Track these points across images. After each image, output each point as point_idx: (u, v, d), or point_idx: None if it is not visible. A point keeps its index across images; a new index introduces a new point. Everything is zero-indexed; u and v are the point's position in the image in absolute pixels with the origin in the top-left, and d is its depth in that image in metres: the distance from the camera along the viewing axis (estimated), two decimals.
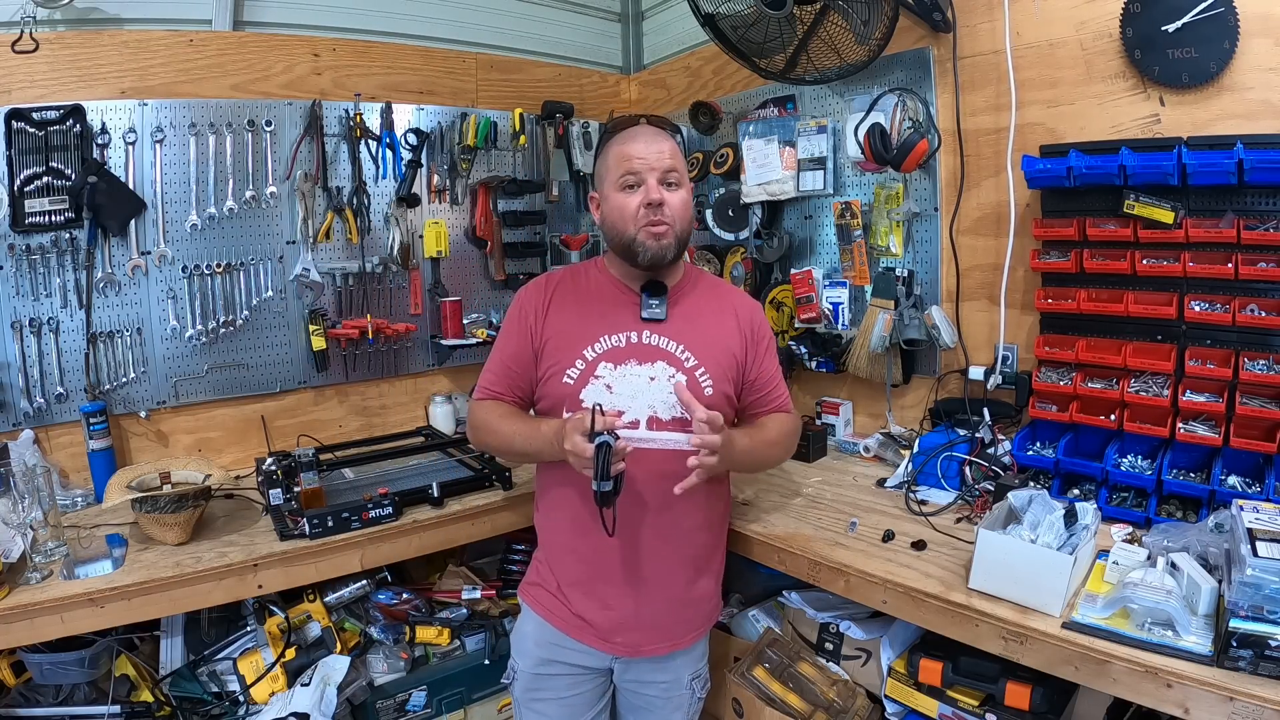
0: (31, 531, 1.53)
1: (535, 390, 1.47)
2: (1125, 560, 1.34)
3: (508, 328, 1.50)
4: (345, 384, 2.41)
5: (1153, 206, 1.55)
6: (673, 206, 1.38)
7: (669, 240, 1.38)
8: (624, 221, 1.39)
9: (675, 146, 1.42)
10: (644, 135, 1.40)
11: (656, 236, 1.37)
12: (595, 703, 1.54)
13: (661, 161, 1.37)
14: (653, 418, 1.39)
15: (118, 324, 2.03)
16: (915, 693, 1.54)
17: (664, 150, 1.38)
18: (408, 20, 2.52)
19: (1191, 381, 1.56)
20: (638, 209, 1.36)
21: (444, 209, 2.53)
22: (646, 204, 1.36)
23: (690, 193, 1.45)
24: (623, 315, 1.44)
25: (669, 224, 1.38)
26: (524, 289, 1.52)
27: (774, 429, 1.53)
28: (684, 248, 1.45)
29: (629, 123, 1.46)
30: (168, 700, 1.67)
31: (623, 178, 1.38)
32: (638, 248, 1.39)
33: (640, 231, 1.37)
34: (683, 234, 1.42)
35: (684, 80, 2.81)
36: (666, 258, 1.40)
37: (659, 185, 1.37)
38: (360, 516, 1.73)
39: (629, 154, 1.38)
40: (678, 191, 1.40)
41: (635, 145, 1.38)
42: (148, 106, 2.01)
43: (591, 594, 1.45)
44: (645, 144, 1.38)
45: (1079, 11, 1.72)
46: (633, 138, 1.40)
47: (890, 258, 2.13)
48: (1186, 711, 1.08)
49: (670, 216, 1.38)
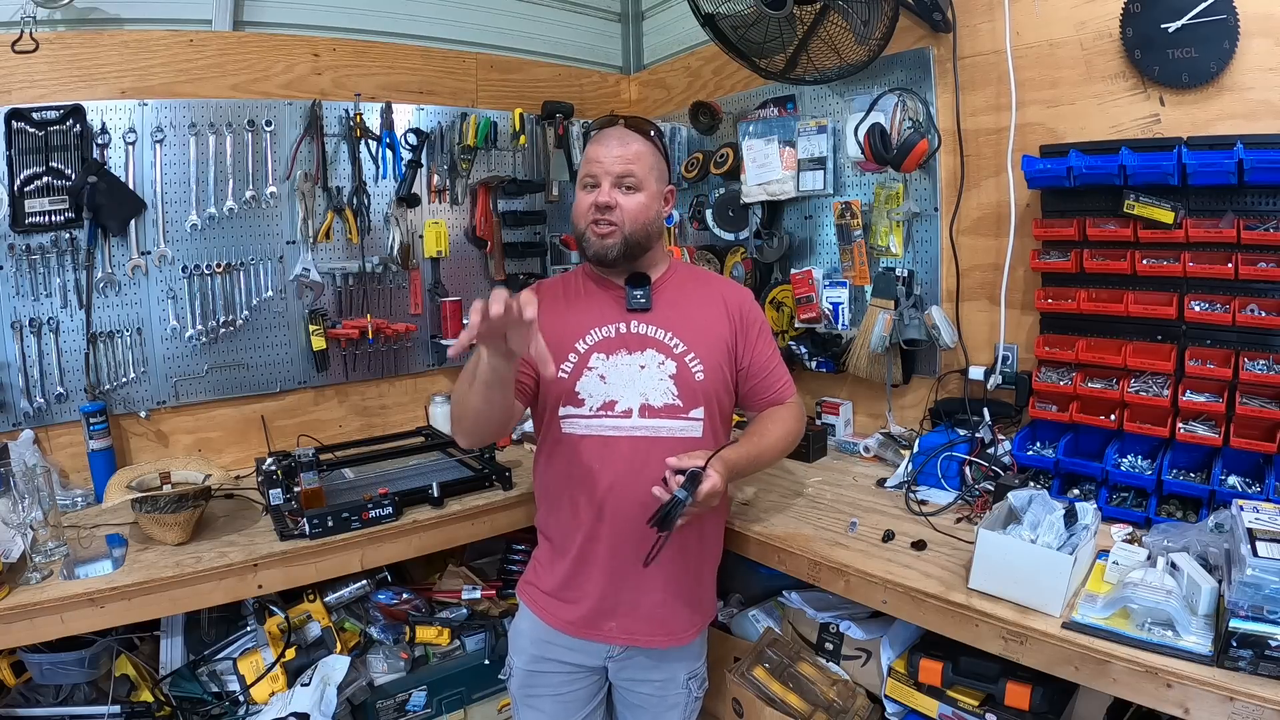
0: (31, 531, 1.53)
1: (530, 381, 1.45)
2: (1125, 560, 1.35)
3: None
4: (345, 384, 2.41)
5: (1153, 206, 1.55)
6: (624, 209, 1.42)
7: (613, 240, 1.43)
8: (578, 217, 1.47)
9: (643, 148, 1.44)
10: (613, 137, 1.45)
11: (601, 235, 1.43)
12: (590, 700, 1.55)
13: (618, 166, 1.41)
14: (645, 405, 1.41)
15: (118, 324, 2.03)
16: (915, 693, 1.54)
17: (626, 154, 1.42)
18: (408, 20, 2.52)
19: (1191, 381, 1.56)
20: (589, 208, 1.43)
21: (444, 209, 2.53)
22: (594, 204, 1.42)
23: (655, 195, 1.46)
24: (609, 308, 1.48)
25: (616, 225, 1.42)
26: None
27: (773, 430, 1.51)
28: (636, 248, 1.45)
29: (607, 123, 1.51)
30: (168, 700, 1.67)
31: (585, 177, 1.45)
32: (584, 243, 1.47)
33: (588, 228, 1.44)
34: (633, 235, 1.43)
35: (684, 80, 2.81)
36: (609, 256, 1.44)
37: (612, 188, 1.41)
38: (360, 516, 1.73)
39: (592, 156, 1.45)
40: (633, 195, 1.43)
41: (599, 148, 1.44)
42: (148, 106, 2.01)
43: (586, 585, 1.45)
44: (608, 147, 1.43)
45: (1079, 11, 1.72)
46: (602, 140, 1.46)
47: (890, 258, 2.13)
48: (1186, 711, 1.08)
49: (619, 219, 1.41)
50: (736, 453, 1.39)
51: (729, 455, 1.35)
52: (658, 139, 1.51)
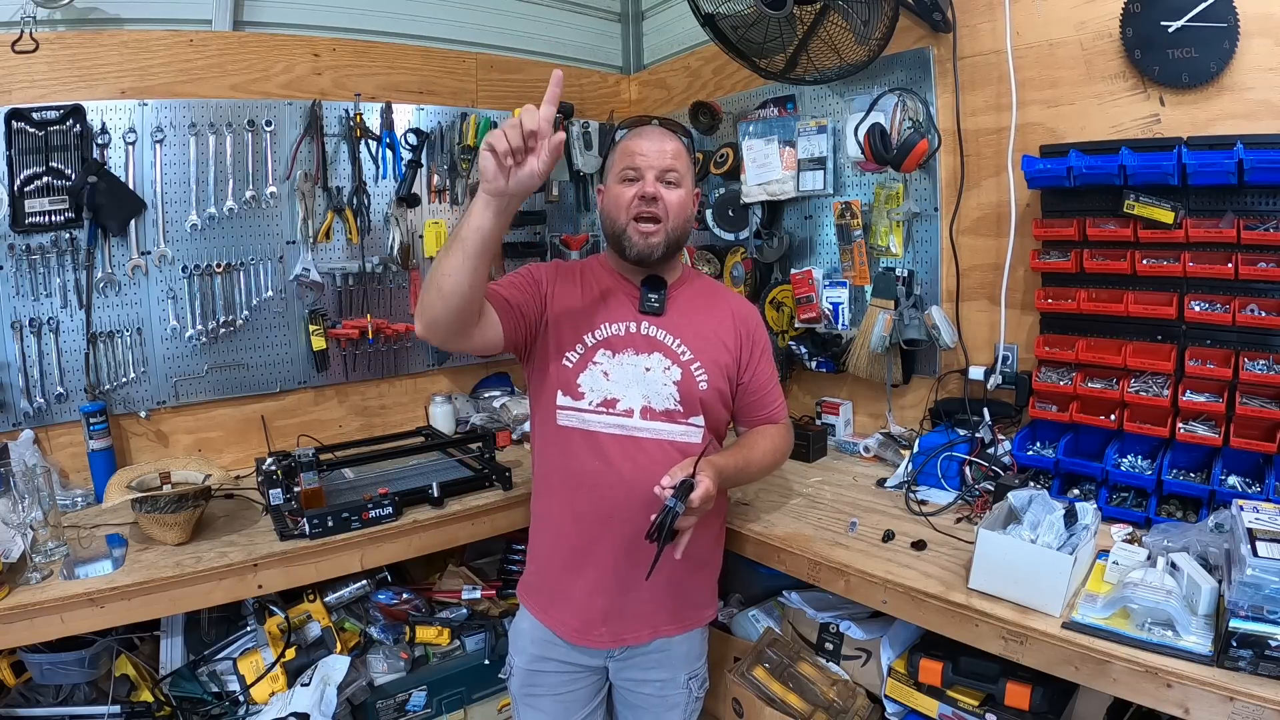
0: (31, 531, 1.53)
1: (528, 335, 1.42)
2: (1125, 560, 1.35)
3: (521, 275, 1.46)
4: (345, 384, 2.41)
5: (1153, 206, 1.55)
6: (668, 203, 1.41)
7: (657, 240, 1.41)
8: (617, 210, 1.43)
9: (681, 148, 1.46)
10: (651, 134, 1.45)
11: (645, 235, 1.41)
12: (590, 699, 1.55)
13: (662, 160, 1.41)
14: (646, 408, 1.41)
15: (118, 324, 2.03)
16: (915, 693, 1.54)
17: (667, 150, 1.42)
18: (408, 20, 2.52)
19: (1191, 381, 1.56)
20: (632, 199, 1.40)
21: (444, 209, 2.53)
22: (640, 196, 1.39)
23: (691, 195, 1.47)
24: (623, 306, 1.47)
25: (660, 219, 1.40)
26: (533, 265, 1.52)
27: (762, 445, 1.51)
28: (675, 248, 1.46)
29: (641, 121, 1.50)
30: (168, 700, 1.67)
31: (624, 170, 1.43)
32: (625, 241, 1.42)
33: (630, 225, 1.41)
34: (674, 232, 1.43)
35: (684, 80, 2.81)
36: (653, 256, 1.42)
37: (656, 181, 1.40)
38: (360, 516, 1.73)
39: (633, 149, 1.42)
40: (675, 190, 1.42)
41: (641, 142, 1.43)
42: (148, 106, 2.01)
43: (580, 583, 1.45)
44: (650, 142, 1.42)
45: (1079, 11, 1.72)
46: (640, 135, 1.45)
47: (890, 258, 2.13)
48: (1186, 711, 1.08)
49: (663, 211, 1.40)
50: (725, 460, 1.39)
51: (718, 461, 1.35)
52: (689, 142, 1.52)
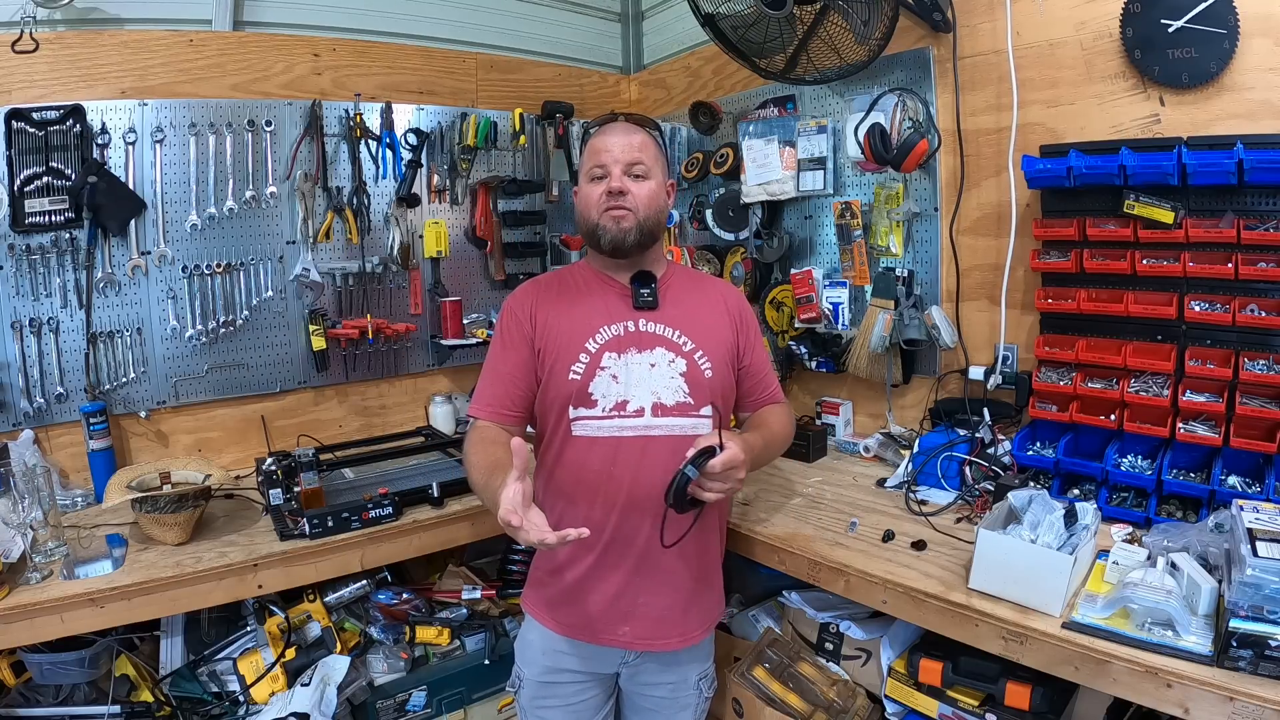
0: (31, 531, 1.53)
1: (535, 400, 1.46)
2: (1125, 560, 1.34)
3: (503, 338, 1.47)
4: (345, 384, 2.41)
5: (1153, 206, 1.55)
6: (636, 195, 1.42)
7: (629, 224, 1.42)
8: (588, 209, 1.45)
9: (648, 139, 1.47)
10: (616, 129, 1.46)
11: (616, 220, 1.42)
12: (600, 708, 1.54)
13: (628, 154, 1.42)
14: (657, 404, 1.41)
15: (118, 324, 2.03)
16: (915, 693, 1.54)
17: (634, 142, 1.43)
18: (408, 20, 2.52)
19: (1191, 381, 1.56)
20: (600, 196, 1.42)
21: (444, 209, 2.53)
22: (607, 191, 1.41)
23: (662, 186, 1.47)
24: (616, 306, 1.47)
25: (630, 210, 1.41)
26: (510, 298, 1.52)
27: (775, 425, 1.54)
28: (650, 237, 1.46)
29: (606, 119, 1.52)
30: (168, 700, 1.67)
31: (592, 169, 1.45)
32: (599, 232, 1.44)
33: (601, 216, 1.42)
34: (647, 221, 1.44)
35: (684, 80, 2.81)
36: (626, 241, 1.43)
37: (623, 175, 1.42)
38: (360, 516, 1.73)
39: (599, 147, 1.44)
40: (644, 183, 1.43)
41: (606, 139, 1.45)
42: (148, 106, 2.01)
43: (601, 586, 1.44)
44: (616, 137, 1.44)
45: (1079, 11, 1.72)
46: (606, 132, 1.47)
47: (890, 258, 2.13)
48: (1186, 711, 1.08)
49: (632, 204, 1.42)
50: (751, 436, 1.41)
51: (747, 436, 1.36)
52: (657, 133, 1.52)
